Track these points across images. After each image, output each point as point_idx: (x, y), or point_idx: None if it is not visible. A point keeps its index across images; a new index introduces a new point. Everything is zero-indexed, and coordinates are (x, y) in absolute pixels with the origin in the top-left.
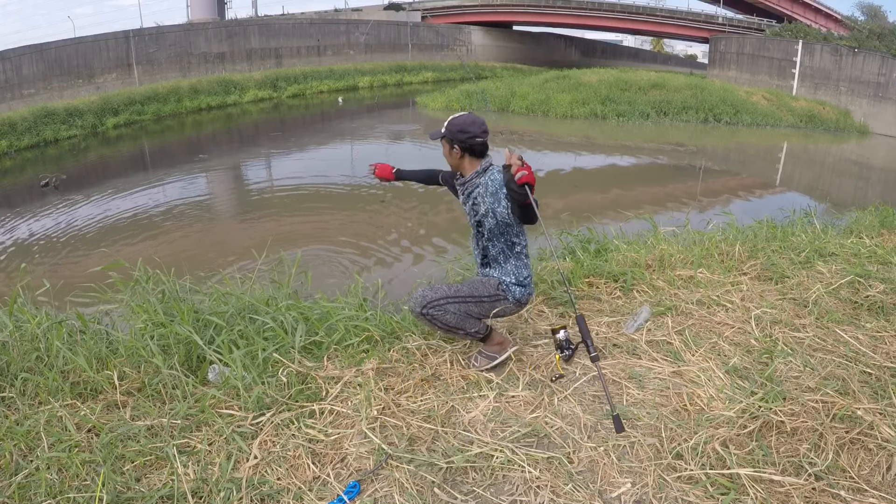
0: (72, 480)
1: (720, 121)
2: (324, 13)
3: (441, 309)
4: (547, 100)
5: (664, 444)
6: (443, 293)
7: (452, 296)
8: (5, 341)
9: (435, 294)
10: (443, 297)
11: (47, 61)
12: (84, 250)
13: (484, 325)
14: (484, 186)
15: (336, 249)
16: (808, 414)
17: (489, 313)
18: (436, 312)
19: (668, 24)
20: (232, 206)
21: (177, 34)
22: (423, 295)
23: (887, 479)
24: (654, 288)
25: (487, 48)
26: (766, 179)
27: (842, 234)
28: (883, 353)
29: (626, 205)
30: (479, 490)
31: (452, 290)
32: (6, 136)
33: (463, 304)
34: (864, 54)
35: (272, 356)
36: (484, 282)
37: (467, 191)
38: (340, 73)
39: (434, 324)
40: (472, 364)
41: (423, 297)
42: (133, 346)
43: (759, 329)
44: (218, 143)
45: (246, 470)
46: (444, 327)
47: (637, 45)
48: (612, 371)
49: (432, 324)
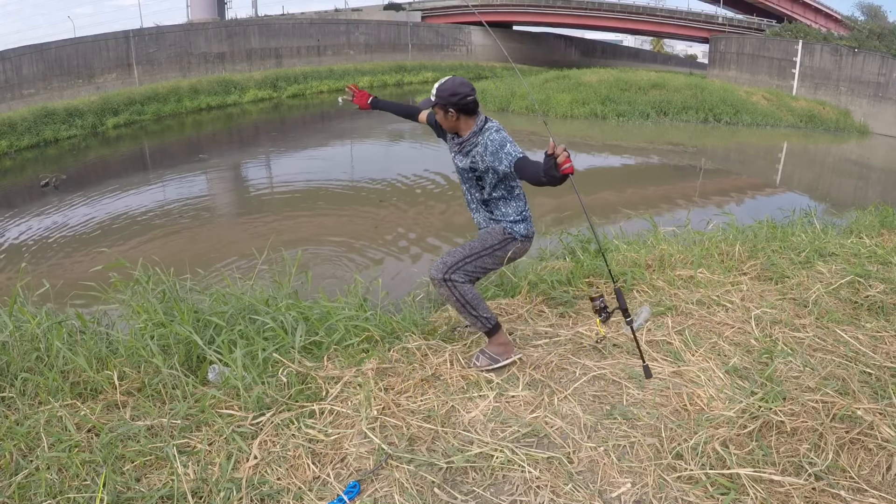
0: (72, 480)
1: (720, 121)
2: (324, 13)
3: (461, 272)
4: (547, 100)
5: (664, 444)
6: (461, 255)
7: (469, 255)
8: (5, 341)
9: (453, 258)
10: (461, 259)
11: (47, 61)
12: (84, 250)
13: (494, 317)
14: (483, 146)
15: (336, 249)
16: (808, 414)
17: (503, 261)
18: (457, 278)
19: (668, 24)
20: (232, 205)
21: (177, 34)
22: (443, 261)
23: (887, 479)
24: (654, 288)
25: (487, 48)
26: (766, 179)
27: (842, 234)
28: (883, 353)
29: (626, 205)
30: (479, 490)
31: (467, 250)
32: (6, 136)
33: (479, 259)
34: (864, 54)
35: (272, 356)
36: (490, 232)
37: (465, 149)
38: (340, 73)
39: (453, 293)
40: (472, 363)
41: (444, 262)
42: (133, 346)
43: (759, 329)
44: (218, 142)
45: (246, 470)
46: (460, 300)
47: (637, 45)
48: (611, 371)
49: (451, 293)
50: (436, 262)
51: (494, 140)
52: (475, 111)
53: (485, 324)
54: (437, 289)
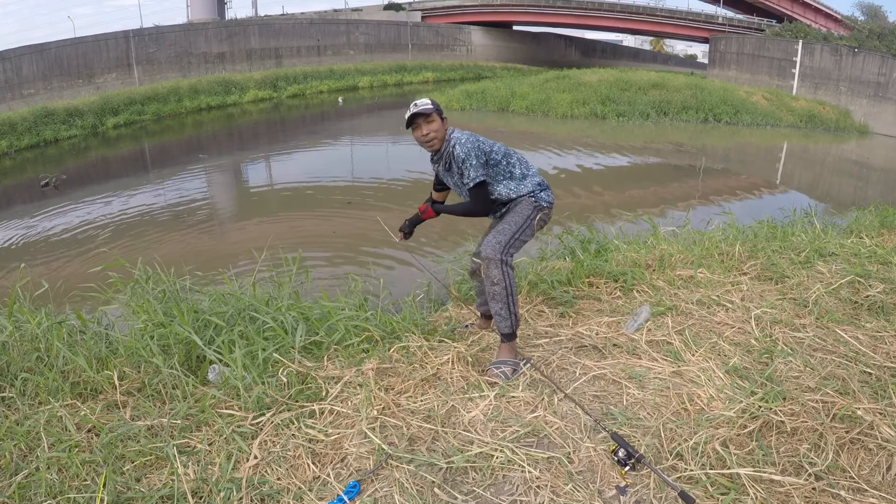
0: (72, 480)
1: (720, 121)
2: (324, 13)
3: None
4: (547, 100)
5: (664, 444)
6: (510, 232)
7: (515, 230)
8: (5, 342)
9: (505, 236)
10: (511, 237)
11: (47, 61)
12: (84, 250)
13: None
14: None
15: (336, 249)
16: (808, 414)
17: (536, 229)
18: (509, 259)
19: (668, 24)
20: (232, 205)
21: (177, 34)
22: (496, 240)
23: (887, 479)
24: (654, 288)
25: (487, 48)
26: (766, 179)
27: (842, 233)
28: (883, 353)
29: (626, 205)
30: (479, 490)
31: (513, 226)
32: (6, 136)
33: (522, 233)
34: (864, 54)
35: (272, 356)
36: (521, 205)
37: (446, 163)
38: (340, 73)
39: (505, 278)
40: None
41: (497, 241)
42: (133, 347)
43: (759, 329)
44: (218, 142)
45: (246, 470)
46: (508, 288)
47: (637, 45)
48: (612, 371)
49: (504, 276)
50: (486, 241)
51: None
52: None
53: (513, 323)
54: (490, 270)
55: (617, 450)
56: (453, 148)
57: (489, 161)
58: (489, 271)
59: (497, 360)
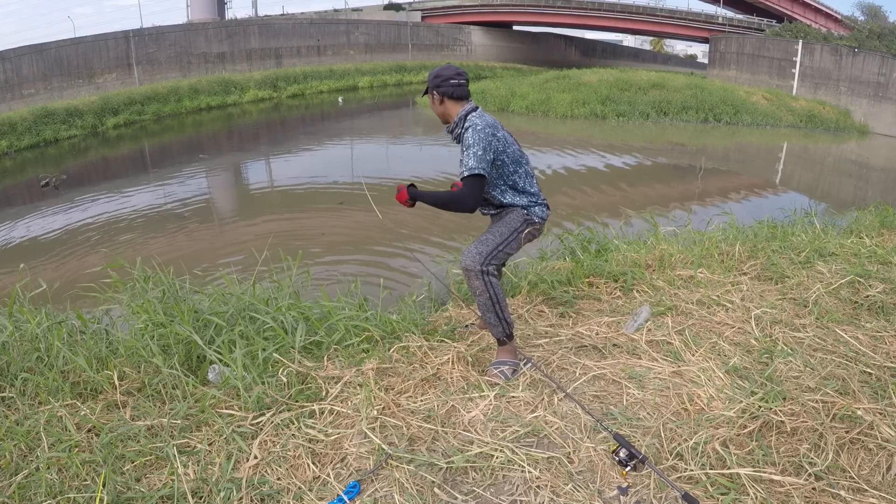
0: (72, 480)
1: (720, 121)
2: (324, 13)
3: (493, 263)
4: (547, 100)
5: (664, 444)
6: (493, 243)
7: (499, 241)
8: (5, 342)
9: (487, 246)
10: (494, 248)
11: (47, 61)
12: (84, 250)
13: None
14: (465, 141)
15: (336, 249)
16: (808, 414)
17: (523, 243)
18: (491, 269)
19: (668, 24)
20: (232, 205)
21: (177, 34)
22: (477, 250)
23: (887, 479)
24: (654, 288)
25: (487, 48)
26: (766, 179)
27: (842, 233)
28: (883, 353)
29: (626, 205)
30: (479, 490)
31: (497, 237)
32: (6, 136)
33: (507, 245)
34: (864, 54)
35: (272, 356)
36: (512, 215)
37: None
38: (340, 73)
39: (488, 288)
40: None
41: (478, 251)
42: (133, 346)
43: (759, 329)
44: (218, 142)
45: (246, 470)
46: (492, 297)
47: (637, 45)
48: (612, 371)
49: (486, 287)
50: (467, 251)
51: (467, 137)
52: (462, 97)
53: (505, 329)
54: (471, 281)
55: (618, 450)
56: (465, 130)
57: (496, 161)
58: (470, 282)
59: (497, 361)
